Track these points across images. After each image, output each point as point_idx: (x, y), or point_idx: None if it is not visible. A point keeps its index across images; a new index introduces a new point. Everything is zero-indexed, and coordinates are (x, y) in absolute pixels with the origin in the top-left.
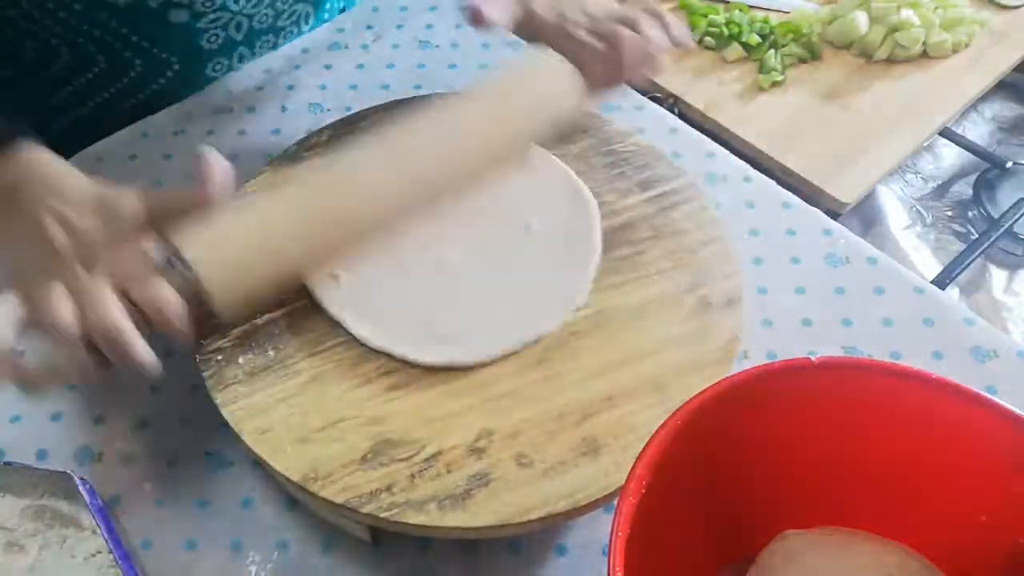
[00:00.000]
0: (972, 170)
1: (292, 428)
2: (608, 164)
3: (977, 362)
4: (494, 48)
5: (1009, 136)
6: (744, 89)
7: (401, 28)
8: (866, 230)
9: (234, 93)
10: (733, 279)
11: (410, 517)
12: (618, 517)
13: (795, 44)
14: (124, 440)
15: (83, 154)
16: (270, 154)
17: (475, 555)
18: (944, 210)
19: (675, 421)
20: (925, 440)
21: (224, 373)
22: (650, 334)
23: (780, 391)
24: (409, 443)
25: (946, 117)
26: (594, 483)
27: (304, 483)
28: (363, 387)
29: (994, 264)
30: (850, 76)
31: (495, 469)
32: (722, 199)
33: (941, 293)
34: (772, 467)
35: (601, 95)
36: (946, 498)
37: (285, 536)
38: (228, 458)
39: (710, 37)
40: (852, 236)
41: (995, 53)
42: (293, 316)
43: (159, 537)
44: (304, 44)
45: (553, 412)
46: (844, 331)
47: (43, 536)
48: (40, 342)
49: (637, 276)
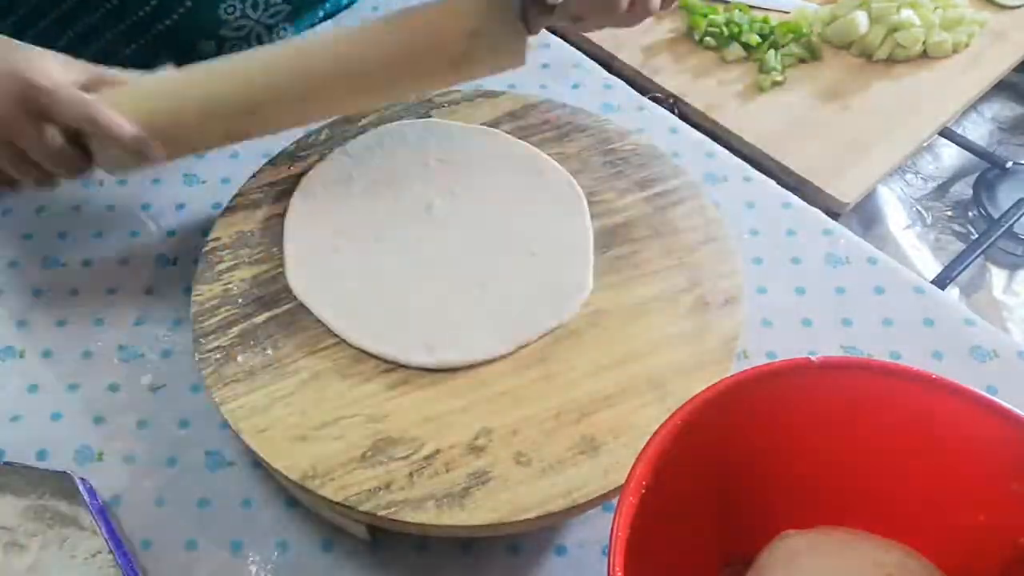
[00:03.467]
0: (972, 170)
1: (291, 426)
2: (607, 163)
3: (977, 362)
4: None
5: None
6: (744, 89)
7: None
8: (866, 230)
9: None
10: (732, 278)
11: (408, 515)
12: (618, 517)
13: (795, 44)
14: (124, 440)
15: None
16: (269, 153)
17: (474, 554)
18: (944, 210)
19: (675, 421)
20: (925, 440)
21: (223, 372)
22: (648, 333)
23: (780, 391)
24: (408, 441)
25: (946, 117)
26: (592, 482)
27: (303, 481)
28: (362, 385)
29: (994, 264)
30: (850, 76)
31: (494, 468)
32: (722, 199)
33: (941, 293)
34: (772, 467)
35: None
36: (946, 498)
37: (285, 536)
38: (228, 458)
39: (710, 37)
40: (852, 236)
41: (995, 53)
42: (292, 315)
43: (159, 537)
44: None
45: (552, 411)
46: (844, 331)
47: (43, 536)
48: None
49: (635, 275)
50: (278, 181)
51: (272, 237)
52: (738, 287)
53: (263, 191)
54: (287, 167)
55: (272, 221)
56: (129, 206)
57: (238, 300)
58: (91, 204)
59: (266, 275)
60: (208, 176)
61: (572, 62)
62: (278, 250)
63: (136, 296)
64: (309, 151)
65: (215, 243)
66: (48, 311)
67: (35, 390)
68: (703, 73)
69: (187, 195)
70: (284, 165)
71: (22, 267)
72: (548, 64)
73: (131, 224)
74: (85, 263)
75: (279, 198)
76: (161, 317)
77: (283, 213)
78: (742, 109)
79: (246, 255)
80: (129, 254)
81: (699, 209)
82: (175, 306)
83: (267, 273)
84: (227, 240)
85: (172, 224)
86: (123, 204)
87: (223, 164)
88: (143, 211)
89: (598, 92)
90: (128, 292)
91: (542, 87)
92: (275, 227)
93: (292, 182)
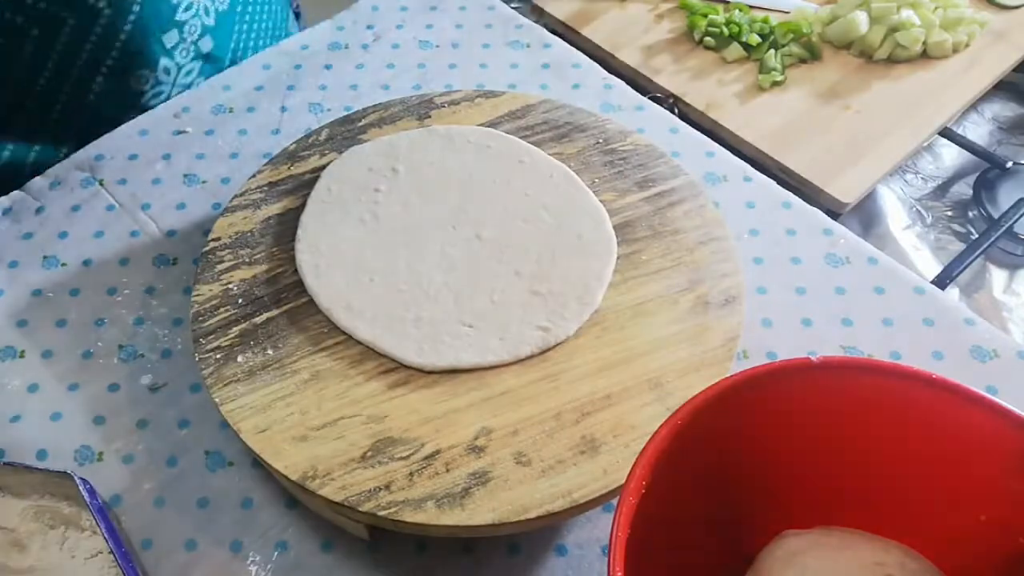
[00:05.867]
0: (972, 170)
1: (291, 426)
2: (607, 163)
3: (977, 362)
4: (494, 48)
5: (1009, 136)
6: (744, 89)
7: (401, 28)
8: (866, 230)
9: (234, 93)
10: (731, 278)
11: (408, 516)
12: (618, 517)
13: (795, 44)
14: (124, 440)
15: (82, 152)
16: (269, 153)
17: (474, 555)
18: (944, 210)
19: (675, 421)
20: (925, 440)
21: (223, 371)
22: (648, 333)
23: (780, 391)
24: (408, 441)
25: (946, 117)
26: (593, 482)
27: (303, 481)
28: (363, 385)
29: (994, 264)
30: (850, 76)
31: (494, 468)
32: (722, 199)
33: (941, 293)
34: (771, 467)
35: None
36: (946, 498)
37: (285, 536)
38: (228, 458)
39: (710, 37)
40: (852, 236)
41: (995, 53)
42: (292, 314)
43: (159, 537)
44: (303, 41)
45: (552, 411)
46: (844, 331)
47: (43, 536)
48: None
49: (635, 275)
50: (278, 181)
51: (273, 237)
52: (738, 287)
53: (263, 191)
54: (287, 167)
55: (272, 221)
56: (129, 206)
57: (238, 300)
58: (91, 204)
59: (266, 275)
60: (208, 176)
61: (572, 62)
62: (278, 250)
63: (136, 296)
64: (309, 151)
65: (215, 243)
66: (48, 311)
67: (35, 390)
68: (703, 73)
69: (187, 195)
70: (284, 165)
71: (22, 267)
72: (548, 64)
73: (131, 224)
74: (85, 263)
75: (279, 198)
76: (161, 317)
77: (283, 213)
78: (742, 109)
79: (246, 255)
80: (129, 254)
81: (699, 209)
82: (175, 306)
83: (267, 273)
84: (227, 240)
85: (172, 224)
86: (123, 204)
87: (223, 164)
88: (143, 211)
89: (598, 92)
90: (128, 292)
91: (542, 87)
92: (275, 227)
93: (293, 182)
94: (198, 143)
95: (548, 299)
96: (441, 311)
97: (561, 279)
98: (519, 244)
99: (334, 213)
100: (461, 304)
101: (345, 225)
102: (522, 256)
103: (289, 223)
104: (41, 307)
